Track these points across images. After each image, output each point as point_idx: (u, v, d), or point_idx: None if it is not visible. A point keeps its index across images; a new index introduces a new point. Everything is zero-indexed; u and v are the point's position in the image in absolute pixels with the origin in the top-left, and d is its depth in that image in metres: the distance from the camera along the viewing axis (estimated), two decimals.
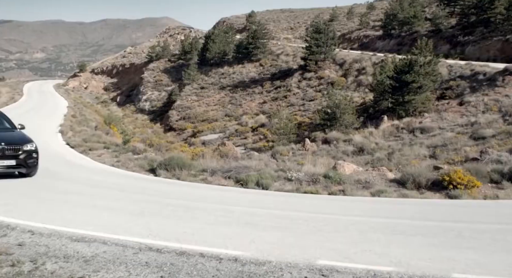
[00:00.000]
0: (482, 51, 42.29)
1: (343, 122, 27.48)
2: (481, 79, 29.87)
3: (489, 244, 6.34)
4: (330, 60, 46.63)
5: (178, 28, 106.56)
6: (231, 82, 52.14)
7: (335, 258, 5.53)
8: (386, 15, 57.19)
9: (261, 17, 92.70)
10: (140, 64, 73.21)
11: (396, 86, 28.94)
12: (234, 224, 7.28)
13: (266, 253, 5.60)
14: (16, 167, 10.26)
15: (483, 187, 11.02)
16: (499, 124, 20.74)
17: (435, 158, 16.01)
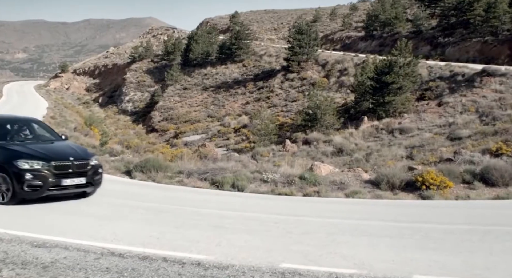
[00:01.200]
0: (462, 52, 42.89)
1: (324, 123, 27.62)
2: (459, 80, 30.27)
3: (455, 245, 6.41)
4: (313, 61, 46.84)
5: (161, 28, 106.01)
6: (214, 83, 52.07)
7: (299, 261, 5.52)
8: (368, 16, 57.71)
9: (244, 18, 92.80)
10: (122, 64, 72.66)
11: (376, 87, 29.20)
12: (202, 227, 7.23)
13: (230, 256, 5.58)
14: (85, 186, 8.73)
15: (455, 187, 11.13)
16: (476, 124, 21.02)
17: (411, 158, 16.16)
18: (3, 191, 7.99)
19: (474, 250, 6.10)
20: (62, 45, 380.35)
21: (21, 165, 7.88)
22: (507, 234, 6.95)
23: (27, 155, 8.12)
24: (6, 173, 7.92)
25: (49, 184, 8.06)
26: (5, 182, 7.93)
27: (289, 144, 24.40)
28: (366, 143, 22.53)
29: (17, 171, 7.86)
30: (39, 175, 7.95)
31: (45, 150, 8.55)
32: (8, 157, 8.08)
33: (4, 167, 7.98)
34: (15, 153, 8.17)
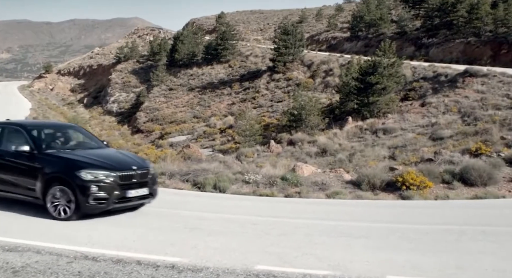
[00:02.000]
0: (445, 53, 43.35)
1: (309, 124, 27.65)
2: (443, 80, 30.54)
3: (430, 245, 6.46)
4: (299, 62, 46.90)
5: (147, 28, 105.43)
6: (200, 83, 51.87)
7: (274, 263, 5.53)
8: (354, 17, 57.98)
9: (231, 18, 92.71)
10: (108, 65, 72.08)
11: (361, 87, 29.30)
12: (179, 229, 7.20)
13: (205, 259, 5.56)
14: (146, 197, 8.05)
15: (435, 187, 11.24)
16: (458, 124, 21.21)
17: (394, 159, 16.26)
18: (62, 205, 7.29)
19: (448, 250, 6.16)
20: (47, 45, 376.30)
21: (85, 176, 7.22)
22: (481, 233, 7.03)
23: (90, 165, 7.43)
24: (67, 185, 7.23)
25: (114, 197, 7.41)
26: (64, 195, 7.26)
27: (273, 145, 24.39)
28: (350, 143, 22.60)
29: (81, 183, 7.17)
30: (105, 186, 7.31)
31: (106, 159, 7.88)
32: (68, 168, 7.39)
33: (64, 179, 7.30)
34: (77, 163, 7.45)
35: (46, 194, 7.35)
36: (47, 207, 7.36)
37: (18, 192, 7.74)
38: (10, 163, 7.82)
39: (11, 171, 7.81)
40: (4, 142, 8.20)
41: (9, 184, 7.80)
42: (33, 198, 7.56)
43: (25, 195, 7.66)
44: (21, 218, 7.53)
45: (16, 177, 7.74)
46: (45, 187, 7.37)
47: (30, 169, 7.59)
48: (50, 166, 7.52)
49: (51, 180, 7.37)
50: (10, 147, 7.93)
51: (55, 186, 7.31)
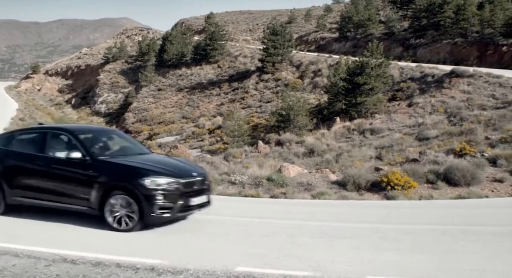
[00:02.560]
0: (433, 53, 43.70)
1: (297, 124, 27.70)
2: (429, 81, 30.75)
3: (411, 245, 6.49)
4: (287, 62, 47.00)
5: (136, 29, 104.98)
6: (189, 84, 51.78)
7: (255, 264, 5.52)
8: (342, 18, 58.21)
9: (220, 19, 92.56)
10: (96, 65, 71.66)
11: (349, 87, 29.42)
12: (160, 231, 7.15)
13: (185, 261, 5.53)
14: (205, 205, 7.63)
15: (419, 187, 11.30)
16: (444, 125, 21.35)
17: (380, 159, 16.31)
18: (123, 215, 6.85)
19: (430, 250, 6.19)
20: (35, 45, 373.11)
21: (150, 185, 6.79)
22: (462, 233, 7.07)
23: (153, 172, 6.97)
24: (130, 195, 6.80)
25: (179, 206, 7.04)
26: (126, 205, 6.82)
27: (261, 145, 24.39)
28: (338, 143, 22.66)
29: (146, 191, 6.75)
30: (170, 195, 6.90)
31: (165, 165, 7.45)
32: (131, 175, 6.94)
33: (126, 187, 6.86)
34: (139, 170, 7.00)
35: (104, 204, 6.89)
36: (105, 218, 6.92)
37: (67, 202, 7.23)
38: (58, 171, 7.31)
39: (59, 179, 7.30)
40: (47, 148, 7.64)
41: (57, 194, 7.28)
42: (87, 208, 7.09)
43: (76, 205, 7.17)
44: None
45: (65, 186, 7.23)
46: (102, 196, 6.91)
47: (82, 178, 7.11)
48: (108, 174, 7.08)
49: (110, 189, 6.92)
50: (55, 154, 7.52)
51: (115, 196, 6.86)
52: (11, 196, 7.60)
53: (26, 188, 7.51)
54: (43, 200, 7.42)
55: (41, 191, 7.40)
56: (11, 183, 7.60)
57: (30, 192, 7.48)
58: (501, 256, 5.90)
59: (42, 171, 7.44)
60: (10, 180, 7.61)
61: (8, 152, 7.94)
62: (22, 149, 7.91)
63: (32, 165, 7.57)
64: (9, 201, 7.63)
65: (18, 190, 7.56)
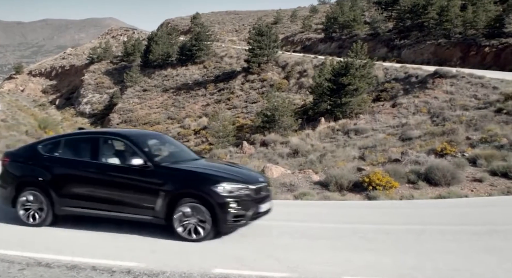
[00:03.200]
0: (417, 54, 44.09)
1: (282, 125, 27.76)
2: (413, 81, 31.02)
3: (389, 245, 6.53)
4: (273, 63, 47.08)
5: (121, 29, 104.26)
6: (175, 85, 51.61)
7: (233, 266, 5.51)
8: (328, 19, 58.44)
9: (206, 19, 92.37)
10: (80, 66, 71.07)
11: (333, 88, 29.54)
12: (140, 233, 7.08)
13: (163, 263, 5.50)
14: (268, 212, 7.34)
15: (401, 187, 11.38)
16: (427, 125, 21.54)
17: (363, 159, 16.40)
18: (194, 224, 6.53)
19: (407, 250, 6.24)
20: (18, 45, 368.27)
21: (223, 192, 6.50)
22: (440, 233, 7.14)
23: (224, 179, 6.68)
24: (203, 202, 6.49)
25: (251, 213, 6.75)
26: (197, 213, 6.51)
27: (246, 146, 24.37)
28: (322, 144, 22.72)
29: (220, 199, 6.45)
30: (243, 202, 6.61)
31: (231, 171, 7.16)
32: (203, 182, 6.63)
33: (197, 195, 6.54)
34: (211, 177, 6.72)
35: (172, 213, 6.56)
36: (174, 228, 6.59)
37: (128, 211, 6.85)
38: (116, 179, 6.92)
39: (117, 188, 6.91)
40: (101, 154, 7.24)
41: (115, 203, 6.91)
42: (152, 218, 6.75)
43: (139, 214, 6.80)
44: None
45: (125, 195, 6.84)
46: (170, 205, 6.58)
47: (145, 185, 6.74)
48: (175, 181, 6.71)
49: (178, 197, 6.58)
50: (110, 160, 7.21)
51: (185, 204, 6.54)
52: (60, 206, 7.17)
53: (78, 197, 7.09)
54: (98, 209, 7.01)
55: (96, 200, 6.98)
56: (60, 192, 7.15)
57: (83, 201, 7.06)
58: (476, 255, 5.96)
59: (97, 179, 7.01)
60: (59, 189, 7.16)
61: (56, 159, 7.42)
62: (72, 156, 7.45)
63: (85, 173, 7.12)
64: (58, 211, 7.22)
65: (68, 199, 7.14)
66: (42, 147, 7.62)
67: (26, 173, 7.46)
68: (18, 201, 7.30)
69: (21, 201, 7.29)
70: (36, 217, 7.22)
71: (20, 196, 7.30)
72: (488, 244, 6.51)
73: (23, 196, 7.28)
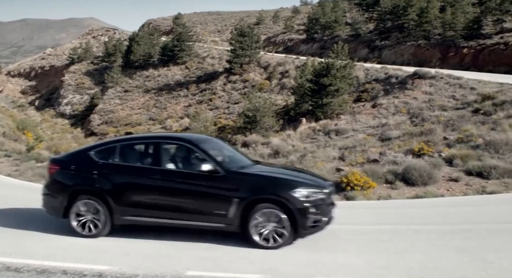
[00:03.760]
0: (397, 55, 44.53)
1: (263, 125, 27.80)
2: (393, 82, 31.33)
3: (362, 245, 6.58)
4: (255, 63, 47.08)
5: (102, 29, 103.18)
6: (156, 85, 51.31)
7: (207, 268, 5.49)
8: (309, 20, 58.68)
9: (188, 20, 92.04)
10: (61, 66, 70.12)
11: (315, 89, 29.68)
12: (114, 236, 7.01)
13: (135, 266, 5.45)
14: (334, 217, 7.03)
15: (378, 187, 11.49)
16: (406, 125, 21.78)
17: (343, 159, 16.51)
18: (271, 231, 6.33)
19: (379, 250, 6.30)
20: None
21: (302, 197, 6.32)
22: (414, 232, 7.22)
23: (301, 183, 6.54)
24: (281, 208, 6.27)
25: (327, 218, 6.62)
26: (274, 219, 6.30)
27: None
28: (303, 144, 22.81)
29: (299, 204, 6.26)
30: (321, 207, 6.45)
31: (303, 176, 7.03)
32: (280, 187, 6.42)
33: (276, 201, 6.31)
34: (289, 182, 6.55)
35: (248, 220, 6.33)
36: (250, 235, 6.38)
37: (197, 219, 6.60)
38: (183, 185, 6.65)
39: (185, 195, 6.65)
40: (163, 161, 6.94)
41: (182, 211, 6.64)
42: (225, 225, 6.50)
43: (210, 222, 6.54)
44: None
45: (193, 202, 6.59)
46: (245, 211, 6.34)
47: (216, 192, 6.51)
48: (249, 187, 6.46)
49: (253, 203, 6.35)
50: (174, 166, 6.96)
51: (260, 210, 6.32)
52: (120, 216, 6.82)
53: (141, 206, 6.77)
54: (163, 218, 6.73)
55: (160, 208, 6.70)
56: (120, 201, 6.80)
57: (145, 210, 6.75)
58: (449, 255, 6.05)
59: (162, 186, 6.72)
60: (119, 198, 6.80)
61: (114, 166, 7.02)
62: (132, 162, 7.11)
63: (148, 180, 6.78)
64: (117, 221, 6.88)
65: (129, 208, 6.80)
66: (95, 153, 7.15)
67: (81, 182, 7.02)
68: (72, 211, 6.87)
69: (74, 211, 6.88)
70: (91, 227, 6.87)
71: (74, 206, 6.88)
72: (460, 244, 6.61)
73: (77, 206, 6.88)
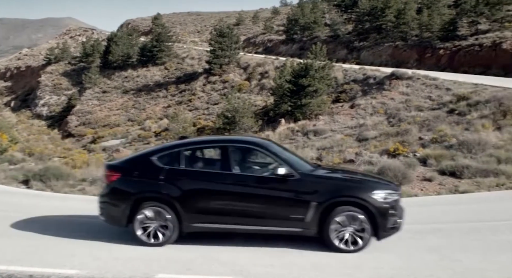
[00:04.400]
0: (375, 56, 44.97)
1: (243, 126, 27.80)
2: (371, 83, 31.63)
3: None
4: (235, 64, 47.01)
5: (80, 29, 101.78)
6: (135, 86, 50.83)
7: (177, 270, 5.47)
8: (289, 20, 58.85)
9: (167, 20, 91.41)
10: (37, 66, 68.92)
11: (294, 89, 29.78)
12: (84, 239, 6.91)
13: (105, 270, 5.39)
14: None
15: None
16: (383, 125, 22.04)
17: (320, 160, 16.60)
18: (350, 234, 6.23)
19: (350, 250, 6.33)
20: None
21: (381, 198, 6.27)
22: None
23: (378, 185, 6.54)
24: (362, 210, 6.20)
25: (402, 220, 6.49)
26: (354, 222, 6.22)
27: None
28: None
29: (381, 206, 6.20)
30: (399, 208, 6.42)
31: (374, 178, 7.09)
32: (360, 190, 6.36)
33: (357, 203, 6.22)
34: (367, 184, 6.59)
35: (327, 223, 6.21)
36: (330, 239, 6.26)
37: (273, 224, 6.44)
38: (257, 190, 6.48)
39: (259, 200, 6.45)
40: (233, 165, 6.67)
41: (256, 216, 6.47)
42: (302, 230, 6.36)
43: (286, 227, 6.40)
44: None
45: (269, 207, 6.41)
46: (322, 215, 6.24)
47: (292, 196, 6.36)
48: (327, 190, 6.34)
49: (332, 207, 6.25)
50: (244, 171, 6.74)
51: (340, 213, 6.22)
52: (189, 223, 6.55)
53: (211, 212, 6.55)
54: (235, 224, 6.56)
55: (232, 214, 6.52)
56: (189, 207, 6.54)
57: (216, 216, 6.55)
58: (418, 254, 6.13)
59: (234, 192, 6.51)
60: (188, 204, 6.54)
61: (181, 172, 6.73)
62: (200, 167, 6.96)
63: (219, 185, 6.55)
64: (186, 228, 6.59)
65: (200, 215, 6.56)
66: (157, 159, 6.80)
67: (146, 189, 6.68)
68: (136, 219, 6.55)
69: (139, 219, 6.55)
70: (158, 235, 6.58)
71: (138, 214, 6.56)
72: (430, 243, 6.71)
73: (142, 214, 6.56)
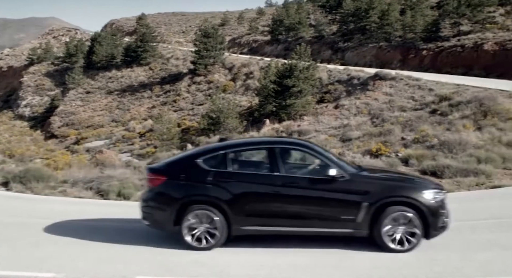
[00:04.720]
0: (360, 57, 45.27)
1: (227, 126, 27.75)
2: (355, 83, 31.83)
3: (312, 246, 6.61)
4: (220, 64, 46.91)
5: (63, 29, 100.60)
6: (119, 86, 50.45)
7: (156, 273, 5.43)
8: (274, 21, 58.93)
9: (152, 20, 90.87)
10: (19, 67, 68.01)
11: (278, 90, 29.83)
12: (61, 242, 6.82)
13: (82, 272, 5.33)
14: None
15: None
16: (367, 126, 22.18)
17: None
18: (403, 233, 6.24)
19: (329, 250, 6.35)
20: None
21: (430, 198, 6.33)
22: None
23: (427, 185, 6.64)
24: (413, 210, 6.21)
25: (449, 219, 6.50)
26: (406, 222, 6.23)
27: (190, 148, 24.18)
28: None
29: (432, 206, 6.26)
30: (446, 208, 6.47)
31: (417, 178, 7.38)
32: (409, 189, 6.41)
33: (409, 203, 6.25)
34: (417, 184, 6.66)
35: (380, 224, 6.20)
36: (382, 240, 6.24)
37: (323, 225, 6.42)
38: (307, 192, 6.43)
39: (309, 201, 6.42)
40: (281, 167, 6.59)
41: (306, 218, 6.45)
42: (353, 231, 6.35)
43: (337, 228, 6.38)
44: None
45: (319, 208, 6.40)
46: (374, 215, 6.24)
47: (343, 196, 6.36)
48: (378, 190, 6.35)
49: (384, 207, 6.24)
50: (292, 172, 6.70)
51: (392, 214, 6.22)
52: (239, 226, 6.46)
53: (261, 214, 6.47)
54: (285, 226, 6.50)
55: (283, 216, 6.46)
56: (239, 210, 6.45)
57: (266, 219, 6.48)
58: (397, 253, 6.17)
59: (284, 194, 6.45)
60: (238, 207, 6.45)
61: (229, 174, 6.63)
62: (248, 170, 6.92)
63: (269, 187, 6.49)
64: (235, 231, 6.51)
65: (250, 217, 6.46)
66: (203, 161, 6.70)
67: (194, 192, 6.58)
68: (184, 224, 6.44)
69: (187, 223, 6.44)
70: (208, 239, 6.47)
71: (186, 218, 6.45)
72: None
73: (190, 218, 6.45)
